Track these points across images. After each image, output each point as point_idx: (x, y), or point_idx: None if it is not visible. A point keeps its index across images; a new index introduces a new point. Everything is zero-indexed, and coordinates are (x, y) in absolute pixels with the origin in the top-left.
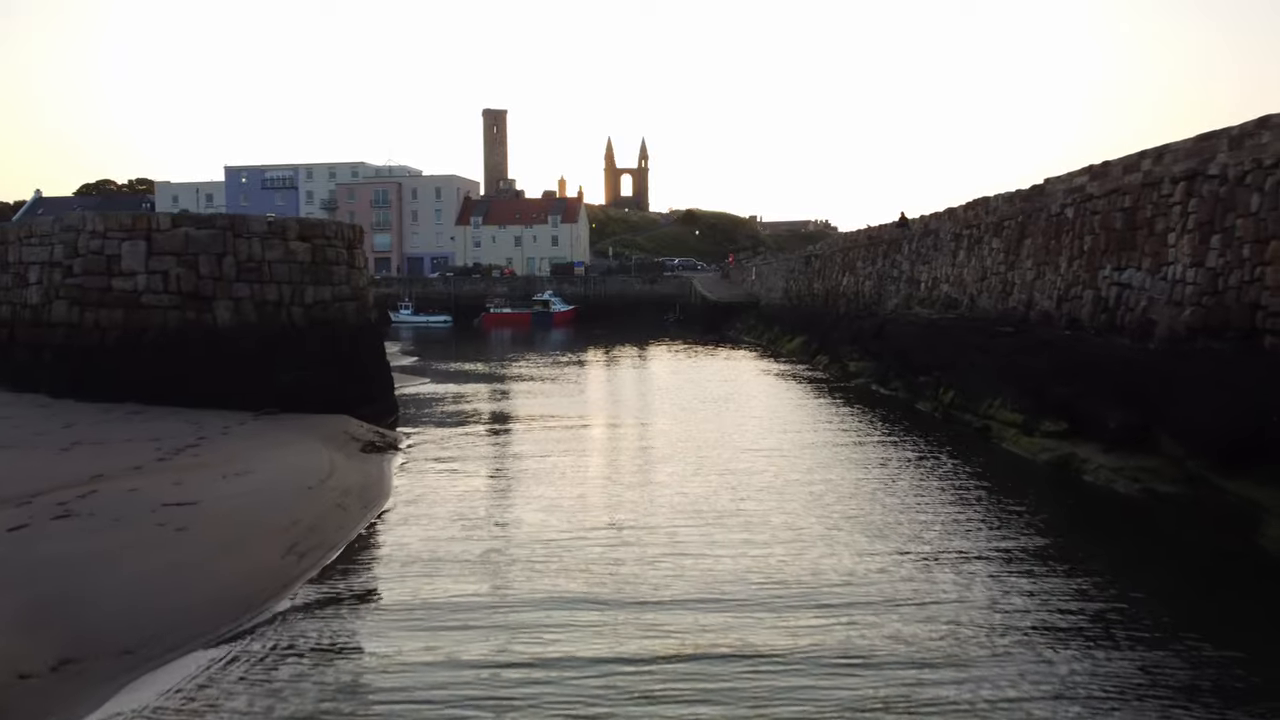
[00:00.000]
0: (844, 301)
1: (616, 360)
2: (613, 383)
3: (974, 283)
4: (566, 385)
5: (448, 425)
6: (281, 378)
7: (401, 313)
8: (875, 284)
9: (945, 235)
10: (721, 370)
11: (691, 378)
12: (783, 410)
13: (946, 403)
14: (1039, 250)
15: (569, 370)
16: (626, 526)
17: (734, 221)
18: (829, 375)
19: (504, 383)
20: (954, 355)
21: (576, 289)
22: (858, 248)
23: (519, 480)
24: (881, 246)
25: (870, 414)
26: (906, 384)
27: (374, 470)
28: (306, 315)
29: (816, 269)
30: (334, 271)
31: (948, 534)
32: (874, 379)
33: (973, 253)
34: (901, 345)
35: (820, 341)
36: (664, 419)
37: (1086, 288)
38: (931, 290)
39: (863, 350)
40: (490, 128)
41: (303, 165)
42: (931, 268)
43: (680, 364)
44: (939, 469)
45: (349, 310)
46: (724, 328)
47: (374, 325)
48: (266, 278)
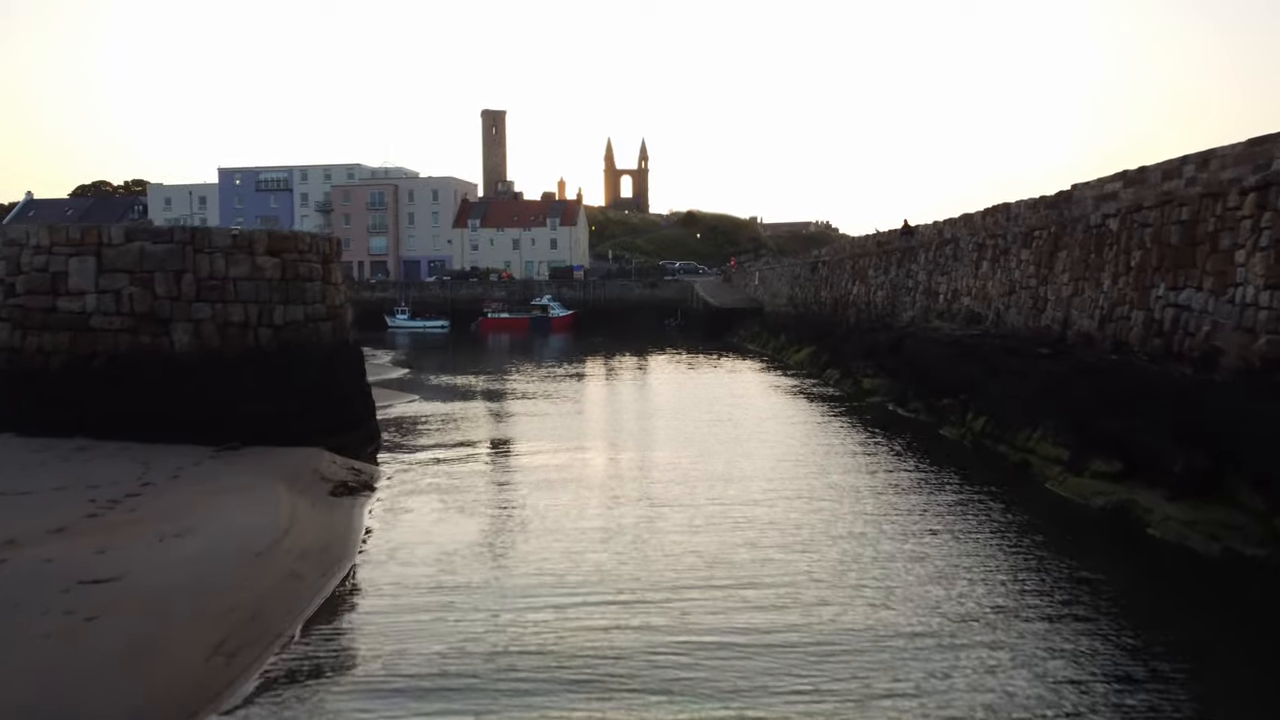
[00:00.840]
0: (854, 311)
1: (616, 373)
2: (612, 402)
3: (1000, 297)
4: (563, 404)
5: (432, 456)
6: (247, 407)
7: (398, 317)
8: (888, 294)
9: (966, 245)
10: (726, 385)
11: (695, 394)
12: (796, 436)
13: (977, 431)
14: (1076, 264)
15: (566, 386)
16: (630, 599)
17: (735, 223)
18: (841, 392)
19: (497, 401)
20: (983, 377)
21: (576, 293)
22: (868, 255)
23: (505, 532)
24: (895, 255)
25: (893, 441)
26: (928, 406)
27: (341, 521)
28: (276, 337)
29: (824, 276)
30: (307, 289)
31: (1009, 610)
32: (891, 398)
33: (998, 264)
34: (922, 363)
35: (830, 354)
36: (668, 448)
37: (1135, 308)
38: (951, 303)
39: (878, 366)
40: (489, 128)
41: (297, 167)
42: (951, 279)
43: (683, 377)
44: (982, 515)
45: (324, 331)
46: (726, 334)
47: (352, 346)
48: (231, 297)
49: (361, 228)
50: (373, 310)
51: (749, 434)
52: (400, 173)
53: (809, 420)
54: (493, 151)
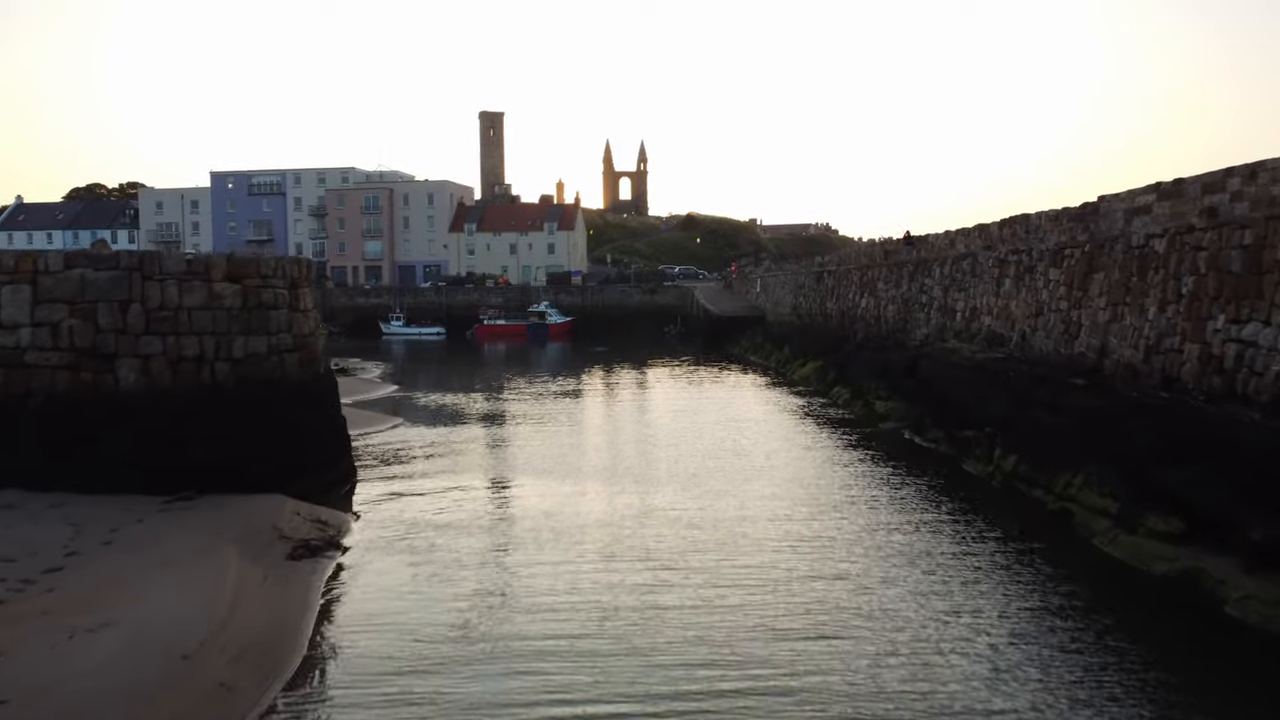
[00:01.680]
0: (863, 326)
1: (615, 390)
2: (610, 427)
3: (1025, 318)
4: (557, 431)
5: (411, 498)
6: (203, 451)
7: (393, 324)
8: (900, 309)
9: (986, 260)
10: (730, 404)
11: (698, 418)
12: (810, 473)
13: (1008, 470)
14: (1115, 288)
15: (561, 407)
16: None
17: (735, 226)
18: (852, 415)
19: (488, 426)
20: (1011, 408)
21: (573, 299)
22: (877, 267)
23: (485, 610)
24: (906, 268)
25: (916, 479)
26: (949, 437)
27: (295, 598)
28: (235, 372)
29: (829, 287)
30: (271, 317)
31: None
32: (906, 424)
33: (1022, 283)
34: (940, 387)
35: (838, 371)
36: (671, 489)
37: (1188, 341)
38: (970, 322)
39: (891, 388)
40: (487, 130)
41: (290, 170)
42: (969, 296)
43: (684, 394)
44: (1029, 581)
45: (290, 363)
46: (728, 344)
47: (323, 378)
48: (184, 328)
49: (356, 232)
50: (367, 317)
51: (758, 469)
52: (395, 176)
53: (821, 451)
54: (490, 153)
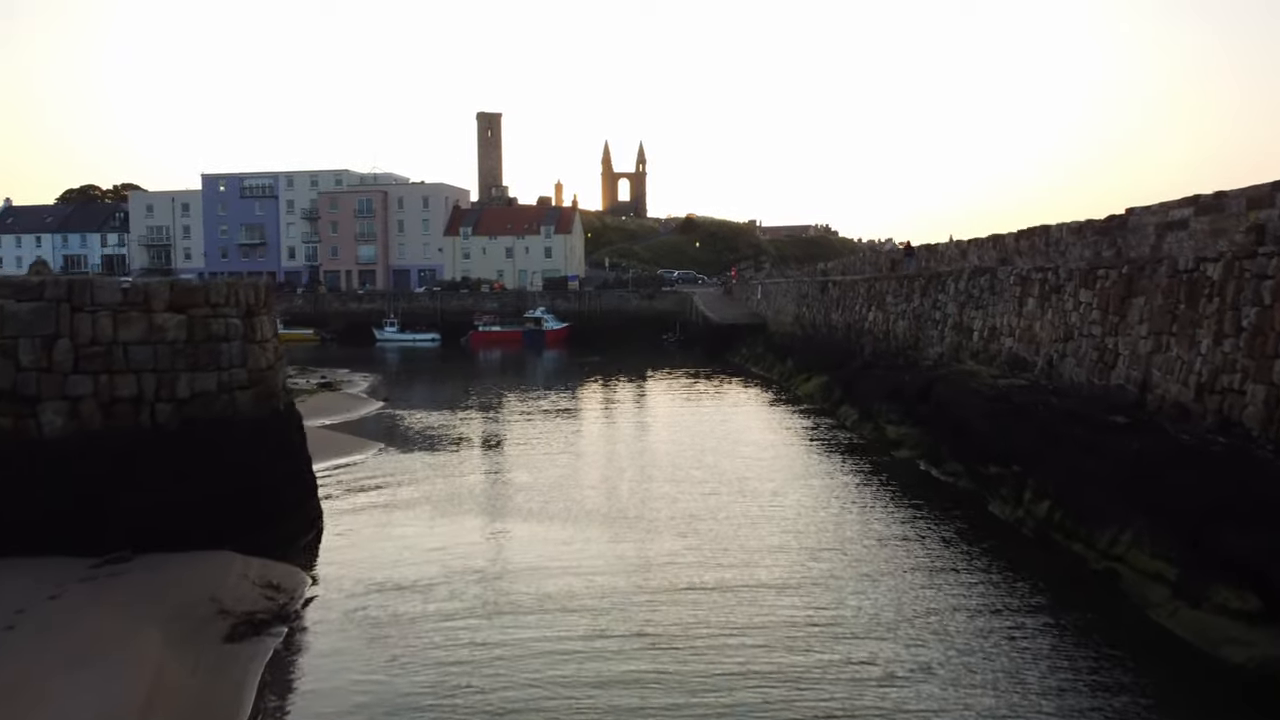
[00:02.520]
0: (870, 340)
1: (611, 407)
2: (606, 455)
3: (1052, 342)
4: (549, 459)
5: (382, 547)
6: (141, 504)
7: (386, 330)
8: (911, 325)
9: (1006, 277)
10: (732, 426)
11: (699, 443)
12: (821, 513)
13: (1041, 517)
14: (1159, 315)
15: (555, 430)
16: None
17: (734, 229)
18: (862, 439)
19: (476, 453)
20: (1041, 445)
21: (570, 305)
22: (885, 279)
23: (452, 709)
24: (918, 282)
25: (936, 519)
26: (970, 471)
27: (226, 696)
28: (179, 413)
29: (835, 298)
30: (222, 351)
31: None
32: (921, 453)
33: (1048, 303)
34: (959, 415)
35: (845, 389)
36: (670, 537)
37: (1251, 380)
38: (988, 342)
39: (904, 412)
40: (484, 131)
41: (283, 173)
42: (987, 314)
43: (684, 413)
44: (1084, 659)
45: (243, 401)
46: (728, 353)
47: (283, 414)
48: (120, 366)
49: (349, 236)
50: (360, 322)
51: (765, 512)
52: (390, 178)
53: (833, 487)
54: (488, 154)
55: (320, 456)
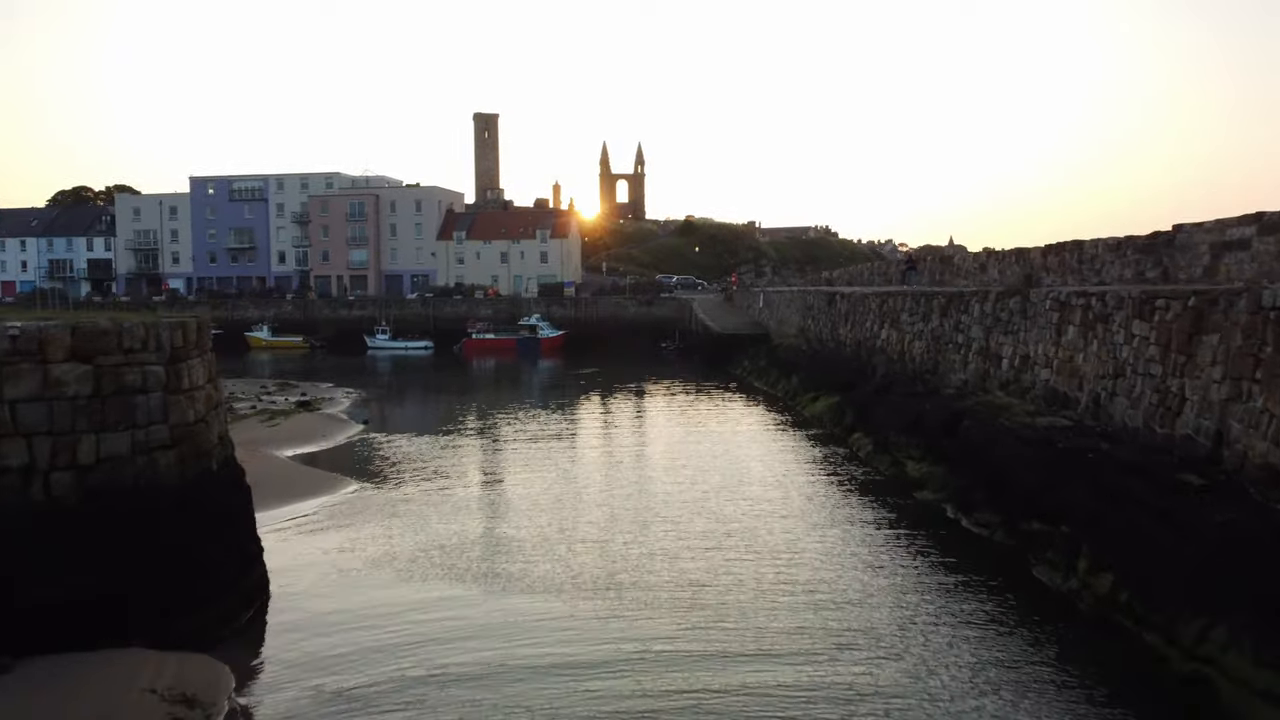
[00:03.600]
0: (883, 360)
1: (607, 432)
2: (599, 494)
3: (1098, 379)
4: (537, 499)
5: (333, 627)
6: (33, 595)
7: (378, 338)
8: (929, 347)
9: (1041, 300)
10: (737, 453)
11: (702, 476)
12: (842, 565)
13: (1102, 594)
14: (1237, 358)
15: (545, 459)
16: None
17: (734, 232)
18: (879, 474)
19: (456, 489)
20: (1096, 503)
21: (566, 311)
22: (900, 295)
23: None
24: (937, 300)
25: (973, 583)
26: (1007, 524)
27: None
28: (81, 483)
29: (843, 312)
30: (138, 405)
31: None
32: (948, 497)
33: (1092, 333)
34: (993, 457)
35: (857, 413)
36: (673, 606)
37: None
38: (1020, 372)
39: (926, 447)
40: (481, 132)
41: (273, 176)
42: (1018, 341)
43: (685, 438)
44: None
45: (166, 464)
46: (729, 364)
47: (220, 474)
48: (6, 428)
49: (340, 240)
50: (351, 330)
51: (779, 574)
52: (382, 181)
53: (853, 536)
54: (485, 156)
55: (282, 498)
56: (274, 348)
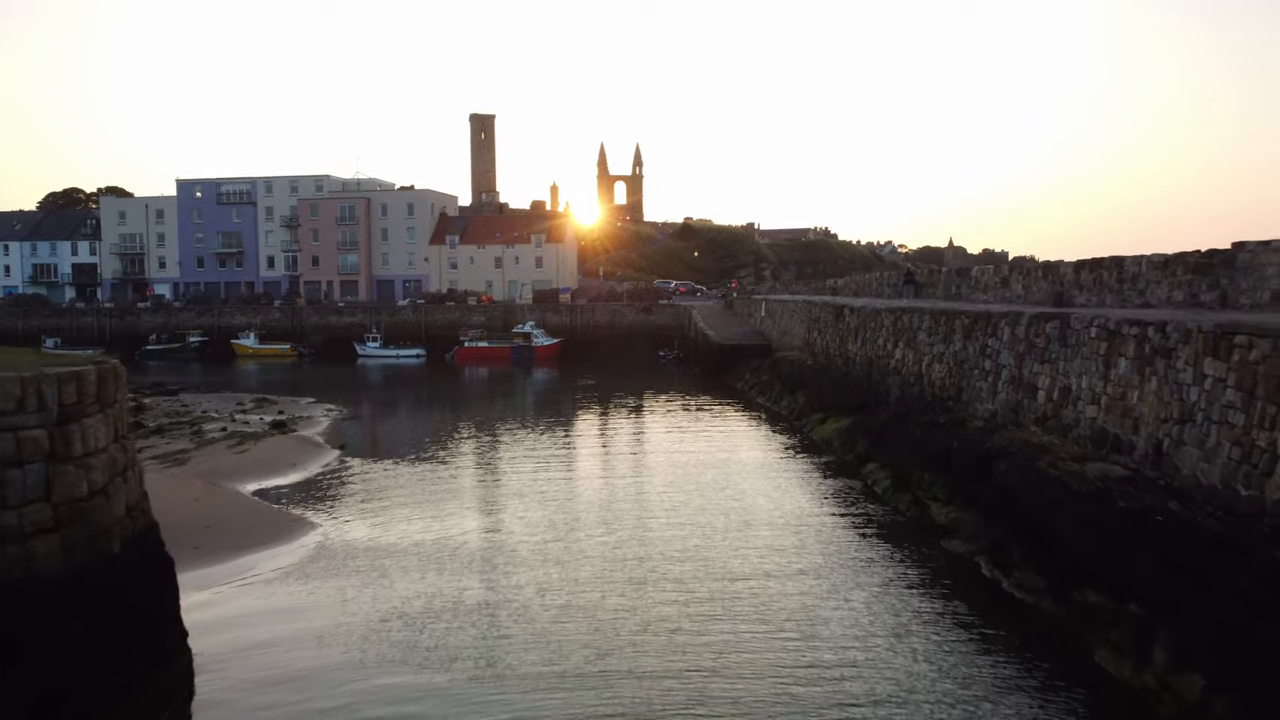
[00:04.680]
0: (897, 382)
1: (603, 451)
2: (594, 537)
3: (1160, 423)
4: (522, 541)
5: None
6: None
7: (368, 346)
8: (951, 371)
9: (1084, 327)
10: (743, 486)
11: (705, 518)
12: (871, 637)
13: (1193, 700)
14: None
15: (534, 490)
16: None
17: (734, 236)
18: (899, 514)
19: (429, 535)
20: (1174, 581)
21: (562, 318)
22: (917, 312)
23: None
24: (960, 320)
25: (1024, 665)
26: (1056, 592)
27: None
28: None
29: (852, 327)
30: (10, 481)
31: None
32: (980, 549)
33: (1150, 368)
34: (1034, 508)
35: (872, 441)
36: (675, 699)
37: None
38: (1060, 407)
39: (953, 488)
40: (478, 133)
41: (261, 178)
42: (1057, 371)
43: (685, 460)
44: None
45: (45, 552)
46: (730, 375)
47: (125, 558)
48: None
49: (331, 244)
50: (340, 337)
51: (796, 639)
52: (373, 184)
53: (878, 596)
54: (481, 157)
55: (234, 549)
56: (261, 356)
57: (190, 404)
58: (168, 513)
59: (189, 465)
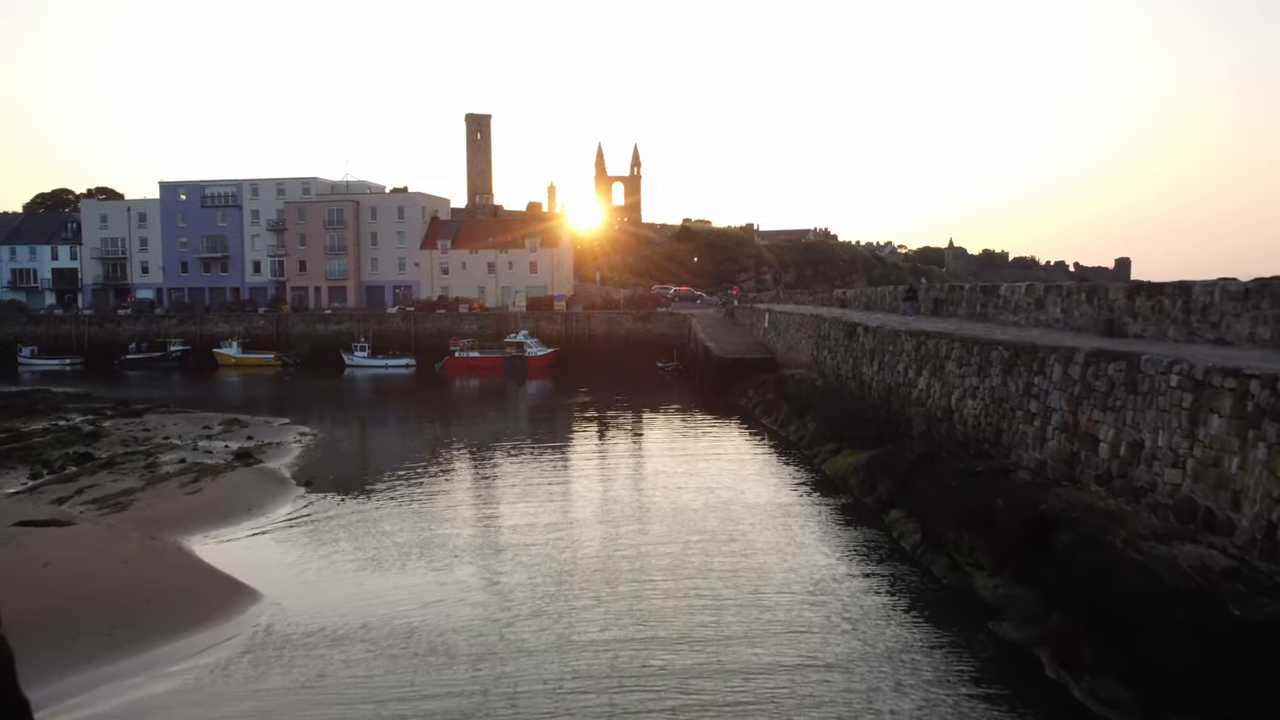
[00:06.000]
0: (921, 415)
1: (600, 483)
2: (585, 595)
3: (1270, 501)
4: (492, 611)
5: None
6: None
7: (356, 355)
8: (988, 410)
9: (1159, 374)
10: (750, 532)
11: (708, 569)
12: None
13: None
14: None
15: (517, 542)
16: None
17: (734, 239)
18: (933, 579)
19: (382, 602)
20: None
21: (556, 327)
22: (943, 338)
23: None
24: (998, 352)
25: None
26: (1148, 709)
27: None
28: None
29: (867, 349)
30: None
31: None
32: (1040, 639)
33: (1257, 432)
34: (1113, 600)
35: (896, 484)
36: None
37: None
38: (1128, 466)
39: (1000, 554)
40: (473, 133)
41: (247, 180)
42: (1123, 421)
43: (688, 499)
44: None
45: None
46: (732, 390)
47: None
48: None
49: (318, 249)
50: (328, 346)
51: None
52: (362, 187)
53: (926, 702)
54: (477, 158)
55: (152, 634)
56: (244, 366)
57: (153, 428)
58: (89, 579)
59: (130, 511)
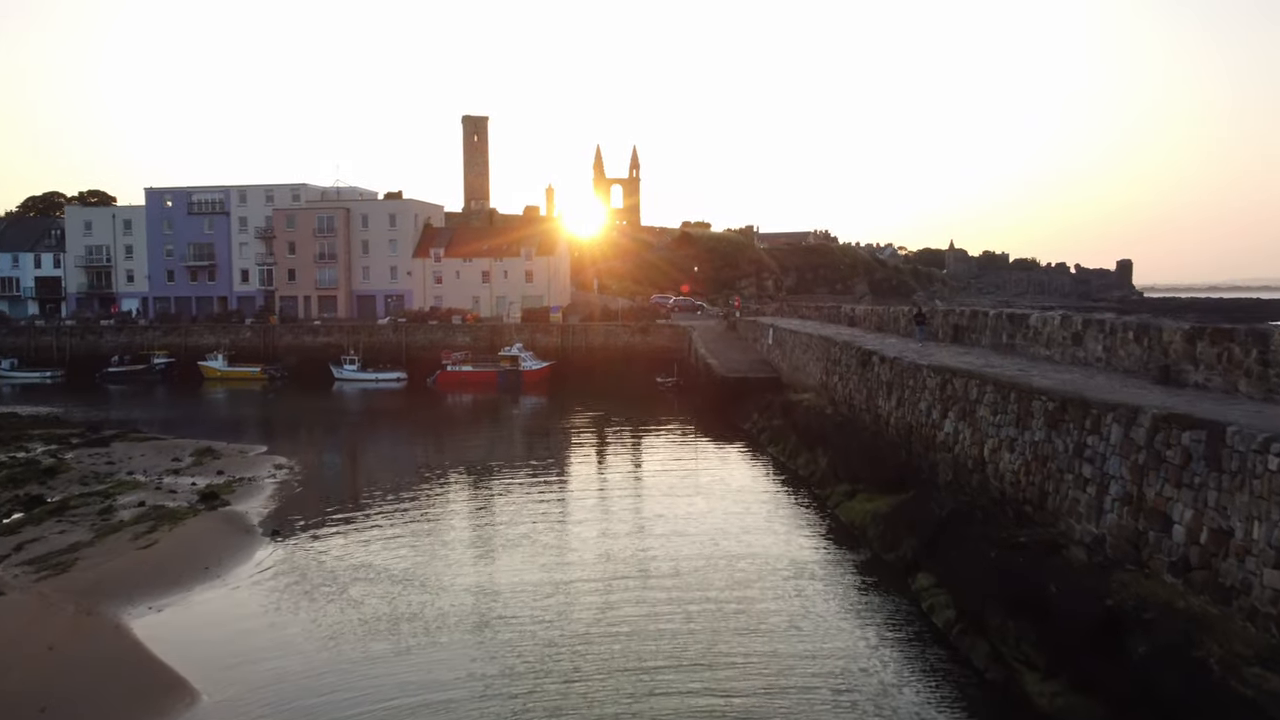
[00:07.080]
0: (947, 460)
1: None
2: (576, 681)
3: None
4: (479, 690)
5: None
6: None
7: (346, 369)
8: (1029, 466)
9: (1257, 453)
10: (756, 592)
11: (714, 645)
12: None
13: None
14: None
15: (496, 595)
16: None
17: (733, 244)
18: (974, 672)
19: (359, 686)
20: None
21: (552, 340)
22: (976, 380)
23: None
24: (1039, 403)
25: None
26: None
27: None
28: None
29: (883, 380)
30: None
31: None
32: None
33: None
34: None
35: (921, 544)
36: None
37: None
38: (1211, 556)
39: (1057, 653)
40: (471, 136)
41: (235, 187)
42: (1203, 504)
43: (689, 542)
44: None
45: None
46: (736, 412)
47: None
48: None
49: (308, 257)
50: (316, 358)
51: None
52: (353, 193)
53: None
54: (474, 161)
55: None
56: (229, 380)
57: (118, 460)
58: (4, 674)
59: (72, 573)
